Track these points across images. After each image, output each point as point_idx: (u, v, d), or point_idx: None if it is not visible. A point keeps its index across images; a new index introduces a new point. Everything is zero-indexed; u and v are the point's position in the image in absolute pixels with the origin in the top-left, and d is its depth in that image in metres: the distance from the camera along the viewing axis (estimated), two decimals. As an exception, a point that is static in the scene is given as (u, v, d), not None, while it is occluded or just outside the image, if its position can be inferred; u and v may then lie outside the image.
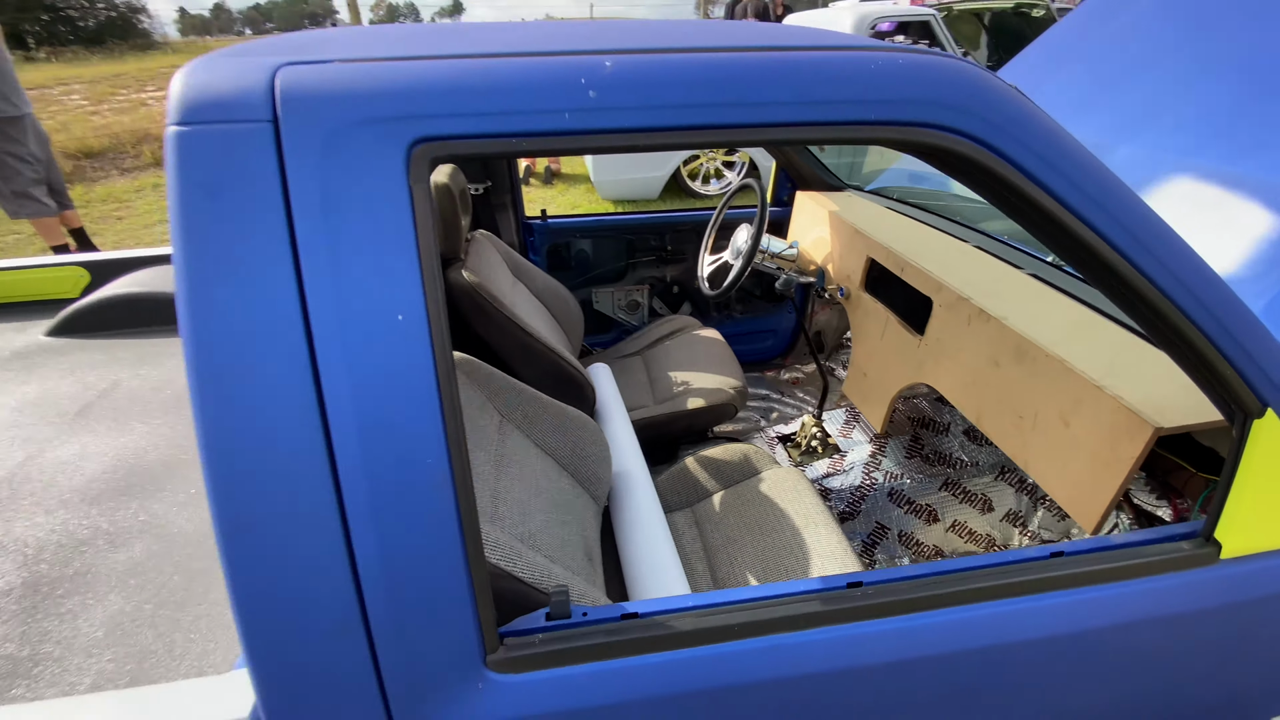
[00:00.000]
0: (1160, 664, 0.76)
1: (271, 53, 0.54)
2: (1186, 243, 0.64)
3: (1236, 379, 0.66)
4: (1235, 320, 0.65)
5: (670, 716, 0.64)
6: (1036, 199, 0.59)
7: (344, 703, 0.58)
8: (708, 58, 0.55)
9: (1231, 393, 0.68)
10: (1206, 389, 0.70)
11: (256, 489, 0.52)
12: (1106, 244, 0.61)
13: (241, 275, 0.49)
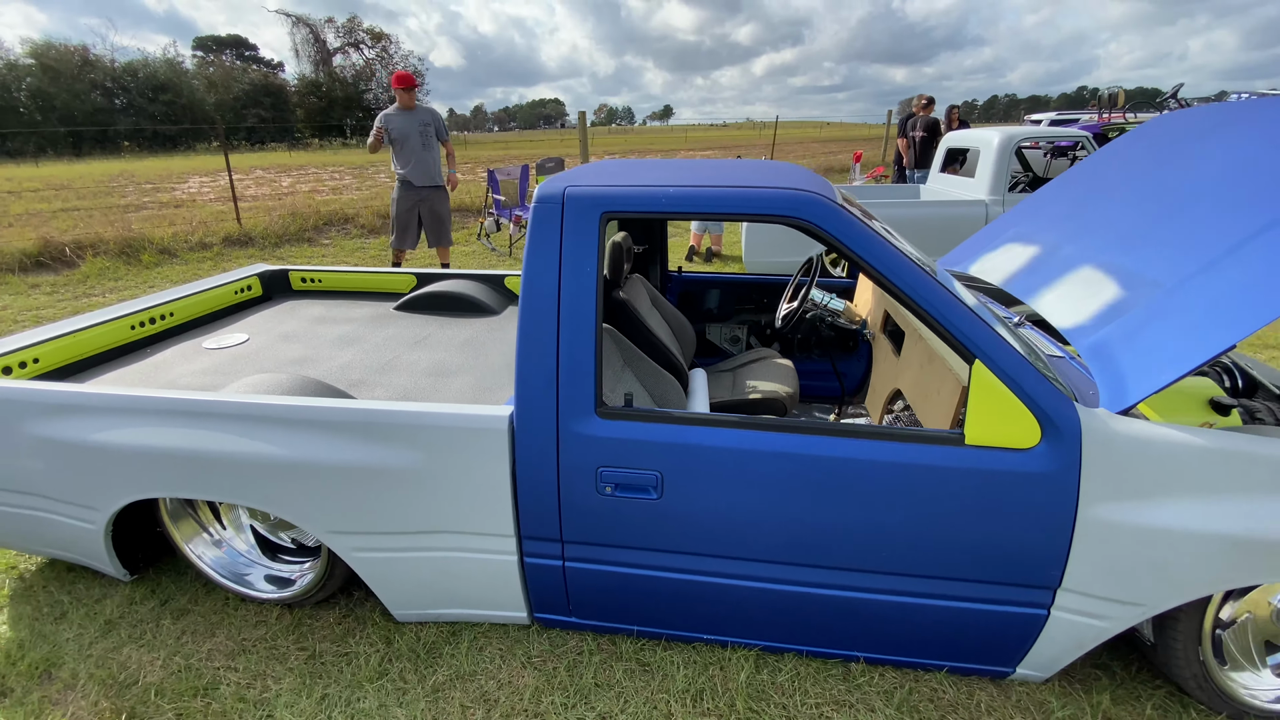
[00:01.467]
0: (930, 487, 1.44)
1: (566, 180, 1.58)
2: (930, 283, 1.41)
3: (958, 343, 1.39)
4: (963, 322, 1.39)
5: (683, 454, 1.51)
6: (847, 254, 1.42)
7: (545, 416, 1.55)
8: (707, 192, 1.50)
9: (964, 353, 1.40)
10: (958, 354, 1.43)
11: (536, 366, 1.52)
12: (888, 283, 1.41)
13: (548, 269, 1.52)
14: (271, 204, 9.20)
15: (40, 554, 2.09)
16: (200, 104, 39.52)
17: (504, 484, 1.63)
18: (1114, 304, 1.69)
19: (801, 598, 1.61)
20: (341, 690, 1.67)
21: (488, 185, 7.37)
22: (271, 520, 2.09)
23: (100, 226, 7.15)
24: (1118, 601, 1.45)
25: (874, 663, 1.71)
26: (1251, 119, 1.94)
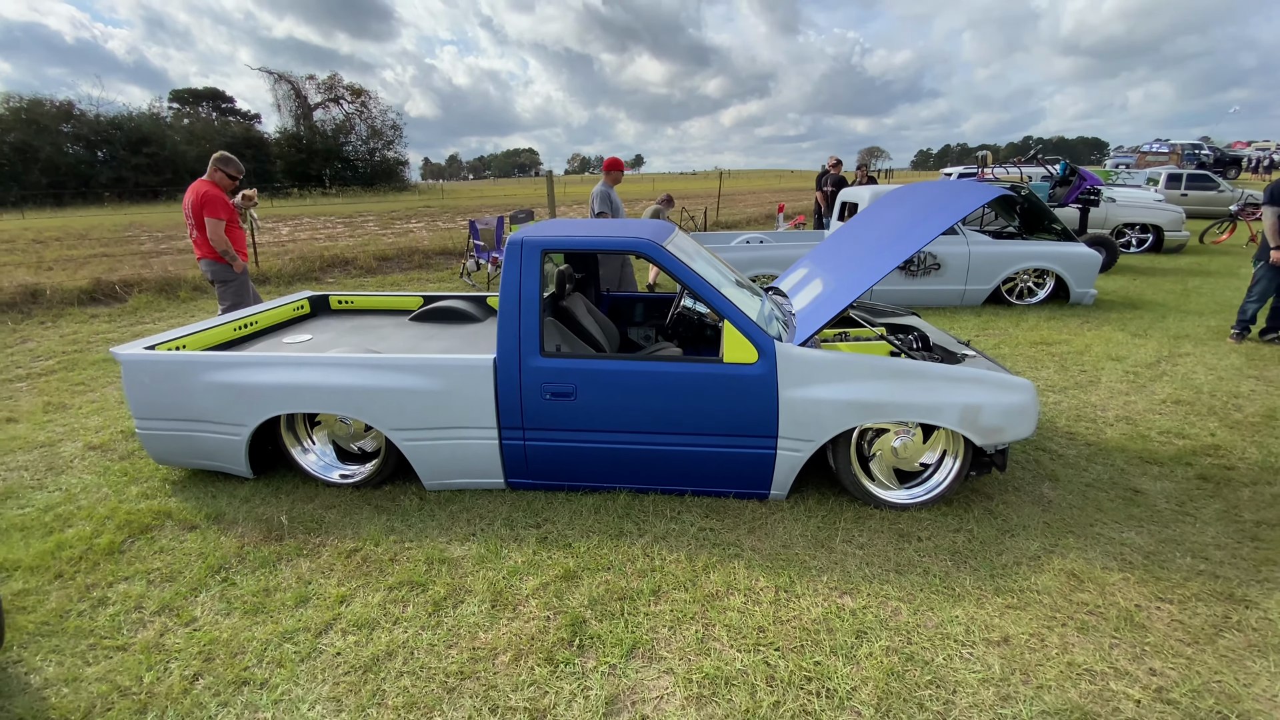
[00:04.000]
0: (708, 385, 2.83)
1: (524, 232, 3.00)
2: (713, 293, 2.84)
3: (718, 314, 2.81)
4: (719, 304, 2.81)
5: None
6: (665, 270, 2.85)
7: (512, 357, 2.92)
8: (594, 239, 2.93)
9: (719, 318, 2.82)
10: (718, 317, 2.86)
11: (509, 331, 2.92)
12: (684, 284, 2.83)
13: (514, 279, 2.92)
14: (276, 249, 10.52)
15: (194, 466, 3.34)
16: (182, 156, 40.80)
17: (489, 396, 2.98)
18: (812, 294, 3.17)
19: (650, 453, 2.97)
20: (392, 520, 2.96)
21: (469, 233, 8.82)
22: (347, 435, 3.38)
23: (131, 269, 8.38)
24: (803, 439, 2.85)
25: (696, 493, 3.07)
26: (917, 193, 3.49)
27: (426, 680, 1.97)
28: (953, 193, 3.18)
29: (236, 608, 2.34)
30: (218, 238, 4.69)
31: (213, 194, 4.70)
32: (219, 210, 4.69)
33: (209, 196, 4.68)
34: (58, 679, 2.02)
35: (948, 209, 2.96)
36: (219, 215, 4.68)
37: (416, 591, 2.41)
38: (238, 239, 4.93)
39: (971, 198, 2.94)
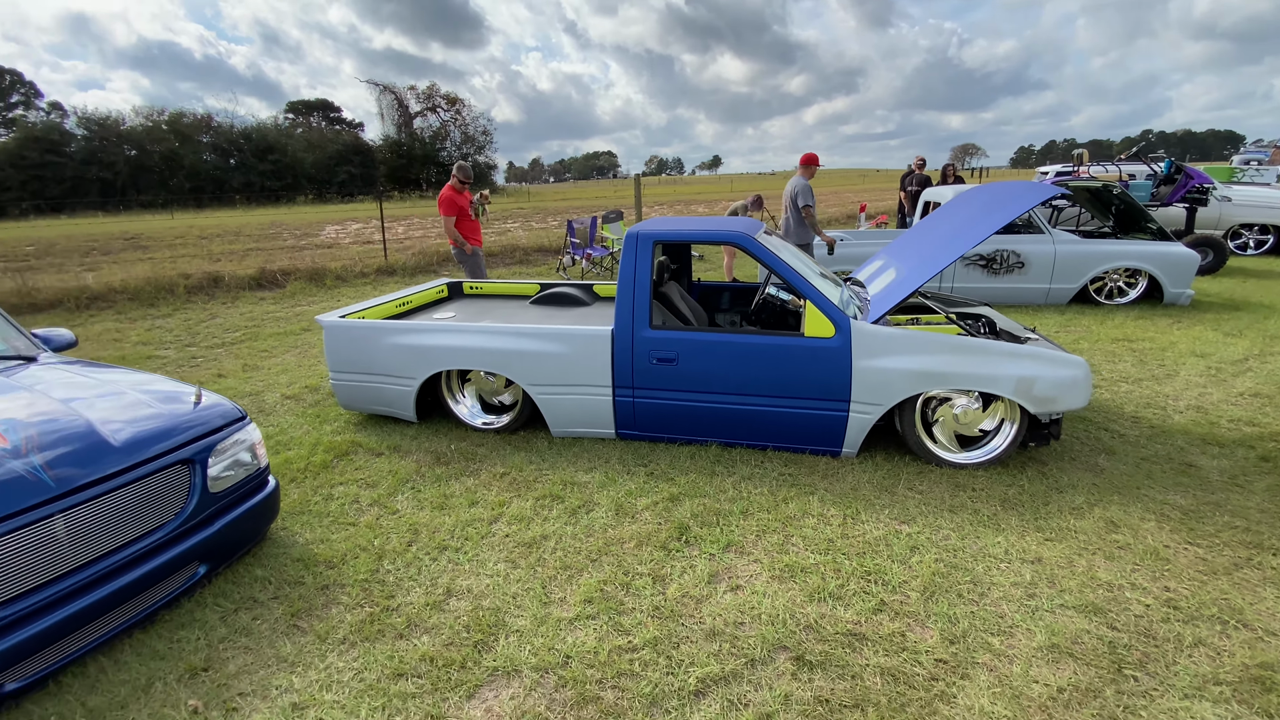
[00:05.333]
0: (785, 360, 3.38)
1: (640, 226, 3.66)
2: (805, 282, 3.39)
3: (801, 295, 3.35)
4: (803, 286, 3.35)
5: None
6: (756, 259, 3.42)
7: (627, 329, 3.58)
8: (696, 231, 3.54)
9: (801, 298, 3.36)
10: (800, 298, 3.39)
11: (625, 308, 3.58)
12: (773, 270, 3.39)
13: (630, 264, 3.58)
14: (396, 245, 11.86)
15: (372, 411, 4.23)
16: (300, 162, 45.01)
17: (606, 360, 3.65)
18: (886, 280, 3.65)
19: (738, 412, 3.55)
20: (529, 455, 3.69)
21: (566, 232, 9.69)
22: (490, 390, 4.16)
23: (285, 261, 9.81)
24: (872, 404, 3.33)
25: (776, 448, 3.61)
26: (982, 193, 3.89)
27: (573, 554, 2.65)
28: (1011, 193, 3.56)
29: (425, 505, 3.12)
30: (447, 230, 6.30)
31: (445, 195, 6.27)
32: (447, 209, 6.23)
33: (442, 198, 6.28)
34: (314, 540, 2.85)
35: (1004, 208, 3.36)
36: (447, 213, 6.23)
37: (556, 502, 3.11)
38: (470, 229, 6.41)
39: (1027, 197, 3.33)
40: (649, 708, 1.85)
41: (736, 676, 1.96)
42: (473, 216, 6.53)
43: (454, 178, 6.36)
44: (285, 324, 7.09)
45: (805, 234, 6.59)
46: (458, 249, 6.42)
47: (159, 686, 1.99)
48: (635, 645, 2.09)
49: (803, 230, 6.58)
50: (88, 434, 2.21)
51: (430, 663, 2.05)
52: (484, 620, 2.24)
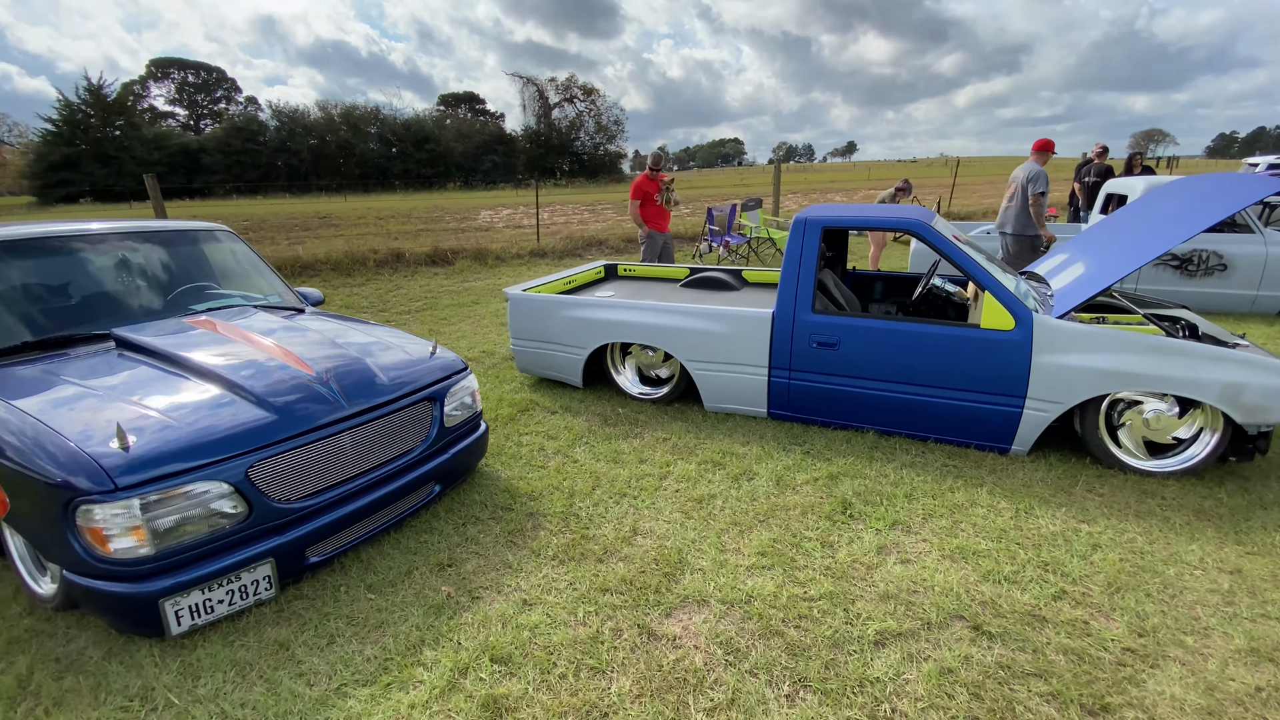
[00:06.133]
0: (957, 351, 3.35)
1: (808, 211, 3.78)
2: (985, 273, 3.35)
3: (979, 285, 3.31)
4: (981, 276, 3.31)
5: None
6: (932, 247, 3.42)
7: (788, 313, 3.73)
8: (868, 217, 3.60)
9: (981, 289, 3.32)
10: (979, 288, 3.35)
11: (788, 292, 3.73)
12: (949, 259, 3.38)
13: (796, 249, 3.71)
14: (543, 230, 12.73)
15: (544, 376, 4.71)
16: (452, 151, 48.91)
17: (765, 342, 3.82)
18: (1072, 275, 3.49)
19: (900, 400, 3.58)
20: (686, 424, 3.96)
21: (705, 219, 9.90)
22: (648, 363, 4.49)
23: (453, 241, 10.91)
24: (1051, 401, 3.23)
25: (938, 439, 3.60)
26: (1192, 185, 3.60)
27: (741, 514, 2.88)
28: (1231, 186, 3.25)
29: (601, 458, 3.49)
30: (632, 213, 7.08)
31: (634, 183, 7.05)
32: (634, 193, 7.02)
33: (633, 184, 7.04)
34: (513, 477, 3.31)
35: (1220, 202, 3.09)
36: (633, 197, 7.02)
37: (717, 468, 3.35)
38: (654, 214, 7.07)
39: (1251, 192, 3.03)
40: (831, 648, 2.03)
41: (914, 635, 2.09)
42: (659, 203, 7.02)
43: (648, 165, 7.03)
44: (458, 297, 7.95)
45: (1027, 223, 6.16)
46: (641, 232, 7.13)
47: (417, 574, 2.48)
48: (811, 596, 2.28)
49: (1026, 219, 6.15)
50: (366, 370, 2.75)
51: (628, 584, 2.37)
52: (669, 557, 2.53)
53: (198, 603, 2.06)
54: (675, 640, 2.09)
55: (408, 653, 2.04)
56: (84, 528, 1.93)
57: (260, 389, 2.40)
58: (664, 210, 7.09)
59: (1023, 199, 6.09)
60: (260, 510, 2.20)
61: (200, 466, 2.07)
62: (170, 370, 2.53)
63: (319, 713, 1.81)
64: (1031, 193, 5.98)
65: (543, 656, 2.00)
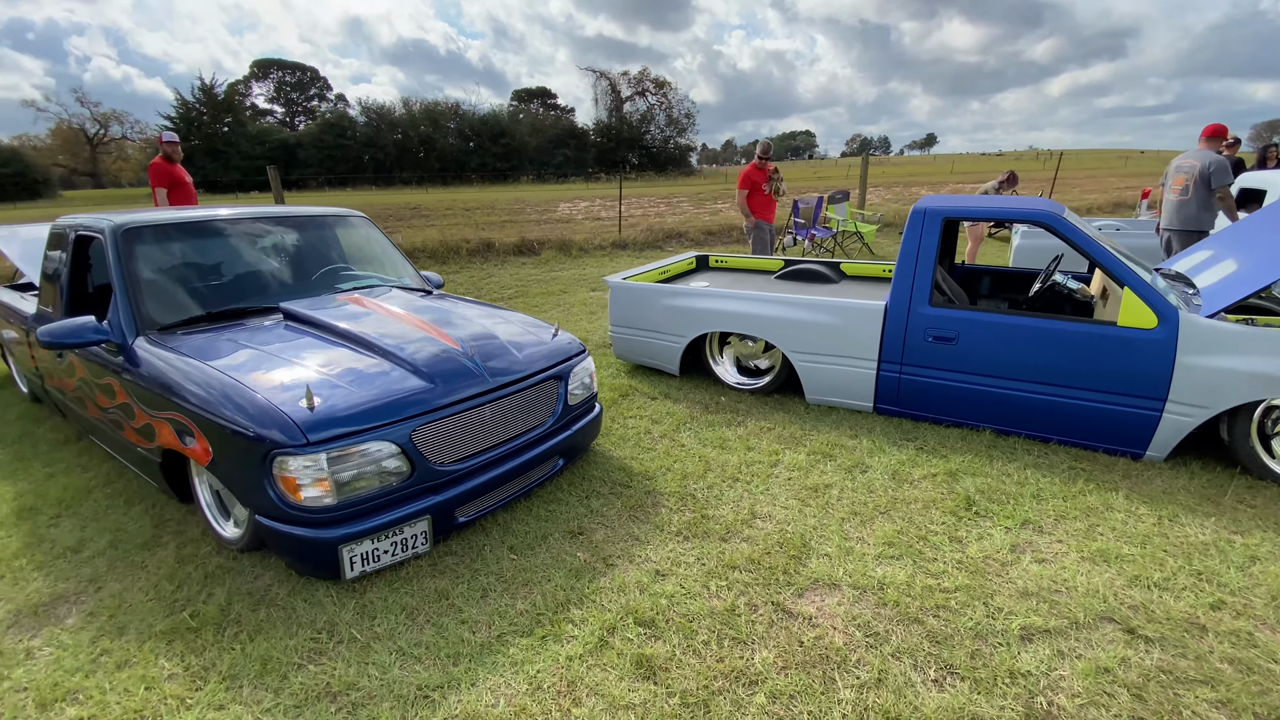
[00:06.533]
0: (1090, 349, 3.20)
1: (929, 201, 3.69)
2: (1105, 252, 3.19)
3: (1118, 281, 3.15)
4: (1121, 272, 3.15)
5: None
6: (1066, 241, 3.27)
7: (903, 305, 3.66)
8: (996, 208, 3.47)
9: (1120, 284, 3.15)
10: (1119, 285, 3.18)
11: (903, 282, 3.65)
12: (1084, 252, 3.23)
13: (914, 239, 3.64)
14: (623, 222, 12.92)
15: (641, 362, 4.81)
16: (526, 145, 50.11)
17: (875, 334, 3.76)
18: (1222, 273, 3.26)
19: (1023, 399, 3.45)
20: (789, 416, 3.96)
21: (791, 212, 9.76)
22: (747, 354, 4.51)
23: (538, 232, 11.24)
24: (1195, 406, 3.04)
25: (1061, 442, 3.45)
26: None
27: (860, 505, 2.87)
28: None
29: (707, 444, 3.55)
30: (739, 203, 7.11)
31: (743, 172, 7.13)
32: (741, 183, 7.06)
33: (741, 174, 7.10)
34: (625, 457, 3.42)
35: None
36: (740, 186, 7.06)
37: (827, 459, 3.35)
38: (761, 204, 7.19)
39: None
40: (974, 638, 2.02)
41: (1062, 633, 2.04)
42: (766, 192, 7.06)
43: (755, 155, 7.13)
44: (546, 286, 8.20)
45: (1202, 217, 5.54)
46: (748, 222, 7.21)
47: (552, 540, 2.62)
48: (947, 587, 2.26)
49: (1202, 213, 5.52)
50: (502, 347, 2.92)
51: (755, 564, 2.42)
52: (792, 541, 2.57)
53: (368, 551, 2.26)
54: (811, 620, 2.12)
55: (556, 610, 2.17)
56: (279, 476, 2.16)
57: (417, 360, 2.60)
58: (771, 200, 7.12)
59: (1201, 192, 5.47)
60: (420, 470, 2.38)
61: (375, 428, 2.27)
62: (335, 341, 2.76)
63: (485, 656, 1.96)
64: (1216, 185, 5.36)
65: (683, 623, 2.09)
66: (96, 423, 3.15)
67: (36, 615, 2.23)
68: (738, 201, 7.16)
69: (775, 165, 7.33)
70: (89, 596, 2.32)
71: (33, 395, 4.40)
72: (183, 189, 6.40)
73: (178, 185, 6.35)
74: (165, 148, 6.35)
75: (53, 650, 2.04)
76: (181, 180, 6.38)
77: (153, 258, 3.10)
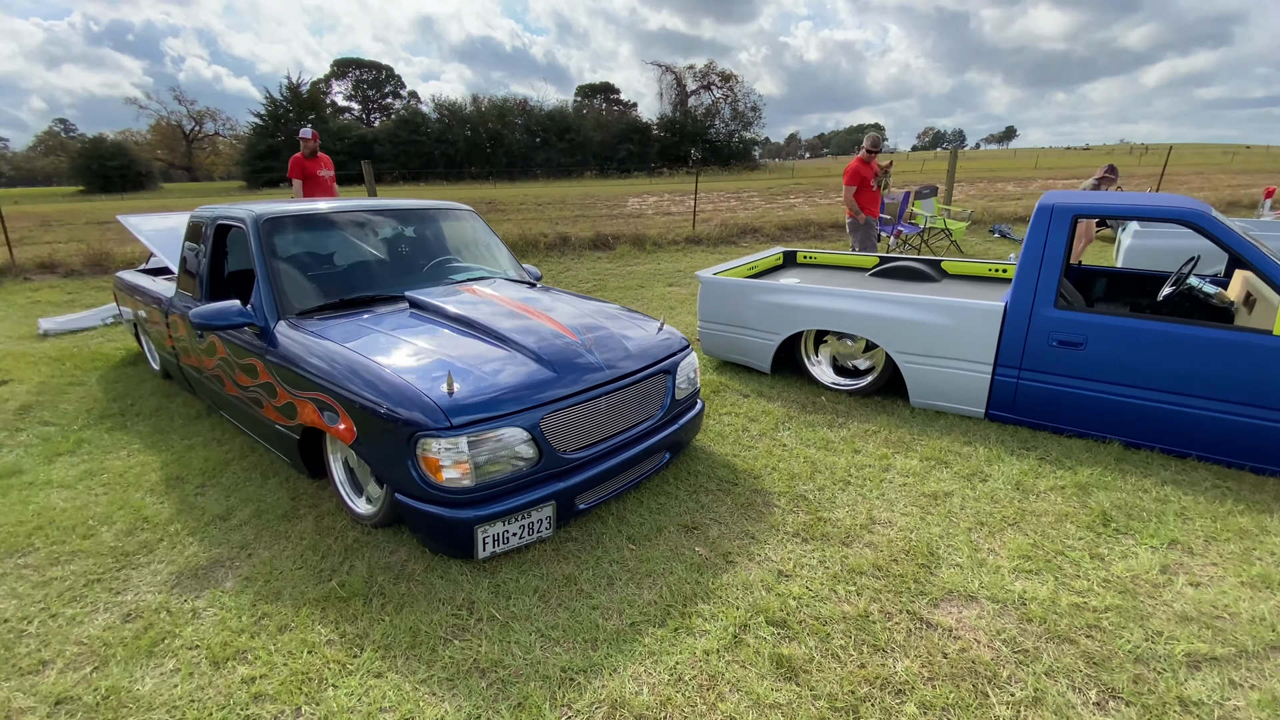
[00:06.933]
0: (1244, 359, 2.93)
1: (1056, 197, 3.49)
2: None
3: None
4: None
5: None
6: (1215, 240, 3.02)
7: (1025, 306, 3.47)
8: (1132, 204, 3.24)
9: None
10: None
11: (1026, 281, 3.46)
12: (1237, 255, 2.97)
13: (1041, 235, 3.44)
14: (693, 217, 12.87)
15: (730, 359, 4.76)
16: (590, 141, 50.60)
17: (992, 337, 3.59)
18: None
19: (1160, 411, 3.21)
20: (892, 419, 3.83)
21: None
22: (846, 353, 4.40)
23: (611, 228, 11.34)
24: (1371, 424, 2.75)
25: (1202, 458, 3.20)
26: None
27: (986, 515, 2.75)
28: None
29: (810, 444, 3.49)
30: (846, 199, 6.80)
31: (850, 166, 6.76)
32: (850, 178, 6.73)
33: (848, 168, 6.78)
34: (727, 454, 3.40)
35: None
36: (849, 182, 6.73)
37: (943, 466, 3.22)
38: (870, 199, 6.89)
39: None
40: (1135, 662, 1.90)
41: (1231, 661, 1.90)
42: (874, 188, 6.83)
43: (863, 148, 6.77)
44: (623, 280, 8.26)
45: None
46: (852, 218, 6.86)
47: (667, 533, 2.63)
48: (1095, 607, 2.14)
49: None
50: (616, 339, 2.94)
51: (882, 570, 2.36)
52: (918, 549, 2.49)
53: (499, 533, 2.33)
54: (951, 631, 2.05)
55: (684, 603, 2.18)
56: (421, 457, 2.25)
57: (541, 349, 2.66)
58: (877, 196, 6.89)
59: None
60: (547, 457, 2.44)
61: (509, 414, 2.34)
62: (460, 329, 2.86)
63: (622, 643, 1.99)
64: None
65: (817, 626, 2.06)
66: (233, 400, 3.37)
67: (196, 577, 2.41)
68: (844, 198, 6.87)
69: (891, 162, 7.03)
70: (242, 562, 2.49)
71: (164, 372, 4.76)
72: (314, 181, 6.64)
73: (310, 178, 6.60)
74: (301, 143, 6.63)
75: (217, 611, 2.21)
76: (313, 174, 6.63)
77: (290, 246, 3.29)
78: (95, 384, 4.77)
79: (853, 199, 6.78)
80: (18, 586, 2.37)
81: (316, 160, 6.64)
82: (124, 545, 2.62)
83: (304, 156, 6.56)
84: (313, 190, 6.63)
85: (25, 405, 4.30)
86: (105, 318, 6.71)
